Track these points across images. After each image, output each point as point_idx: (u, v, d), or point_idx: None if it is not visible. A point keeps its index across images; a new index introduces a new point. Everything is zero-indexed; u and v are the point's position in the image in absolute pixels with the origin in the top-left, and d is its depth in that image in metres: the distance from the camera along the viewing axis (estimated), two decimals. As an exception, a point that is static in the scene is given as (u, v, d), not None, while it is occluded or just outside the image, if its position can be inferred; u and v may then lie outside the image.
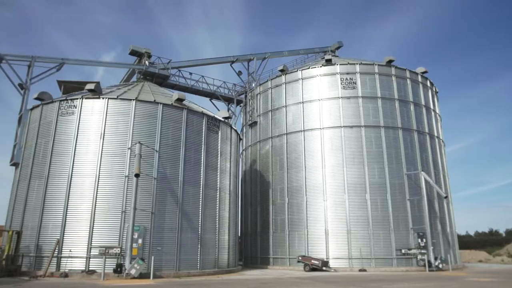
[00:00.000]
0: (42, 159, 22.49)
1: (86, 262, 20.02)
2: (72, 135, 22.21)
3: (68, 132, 22.39)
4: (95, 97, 22.91)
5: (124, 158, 21.77)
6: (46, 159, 22.28)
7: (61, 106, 23.08)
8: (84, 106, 22.75)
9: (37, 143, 23.13)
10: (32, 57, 25.83)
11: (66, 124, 22.61)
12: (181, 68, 34.85)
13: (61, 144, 22.30)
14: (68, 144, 22.09)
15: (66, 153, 21.95)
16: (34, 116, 24.38)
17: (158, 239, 21.26)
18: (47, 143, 22.68)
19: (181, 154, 23.27)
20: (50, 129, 22.86)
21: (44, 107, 23.90)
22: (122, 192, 21.19)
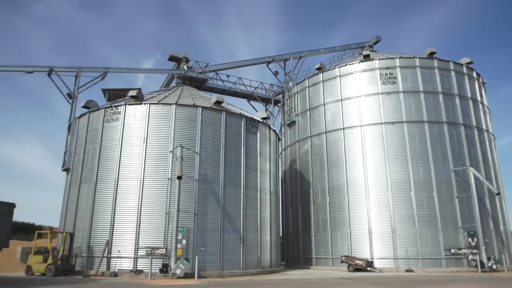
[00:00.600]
0: (91, 164, 23.63)
1: (133, 262, 20.80)
2: (117, 141, 23.17)
3: (113, 138, 23.38)
4: (137, 103, 23.77)
5: (166, 161, 22.41)
6: (94, 164, 23.37)
7: (106, 113, 24.14)
8: (127, 112, 23.66)
9: (86, 149, 24.34)
10: (79, 68, 27.21)
11: (111, 130, 23.62)
12: (218, 71, 35.40)
13: (107, 150, 23.33)
14: (114, 149, 23.07)
15: (112, 158, 22.94)
16: (82, 124, 25.68)
17: (201, 239, 21.69)
18: (94, 149, 23.79)
19: (221, 155, 23.61)
20: (97, 135, 23.97)
21: (90, 114, 25.11)
22: (165, 194, 21.82)
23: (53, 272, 20.14)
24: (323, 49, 40.60)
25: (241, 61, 36.88)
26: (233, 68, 36.36)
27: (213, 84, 34.94)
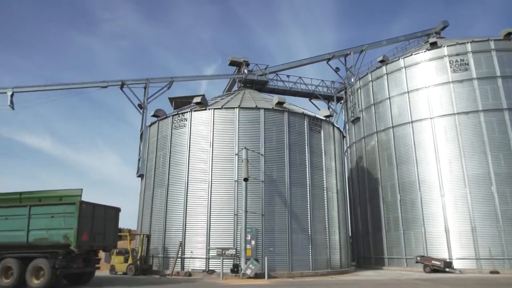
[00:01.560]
0: (162, 170, 24.92)
1: (206, 262, 21.55)
2: (185, 146, 24.19)
3: (181, 143, 24.45)
4: (202, 109, 24.63)
5: (232, 164, 22.93)
6: (165, 169, 24.62)
7: (174, 121, 25.32)
8: (193, 118, 24.61)
9: (157, 155, 25.73)
10: (147, 79, 28.87)
11: (179, 136, 24.72)
12: (278, 72, 35.52)
13: (176, 155, 24.45)
14: (183, 154, 24.11)
15: (182, 163, 23.99)
16: (152, 132, 27.19)
17: (270, 240, 21.87)
18: (165, 154, 25.06)
19: (285, 156, 23.64)
20: (167, 142, 25.23)
21: (160, 122, 26.50)
22: (233, 196, 22.33)
23: (133, 271, 21.58)
24: (385, 41, 38.95)
25: (300, 60, 36.63)
26: (292, 68, 36.26)
27: (274, 85, 35.13)
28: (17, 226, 14.66)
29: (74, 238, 13.94)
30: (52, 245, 14.25)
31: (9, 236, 14.70)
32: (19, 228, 14.59)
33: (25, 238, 14.43)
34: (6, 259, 14.57)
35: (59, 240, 14.12)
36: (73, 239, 13.94)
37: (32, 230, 14.45)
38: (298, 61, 36.53)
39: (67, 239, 14.01)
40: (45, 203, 14.82)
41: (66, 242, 14.02)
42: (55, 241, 14.19)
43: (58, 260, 13.98)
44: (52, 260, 13.97)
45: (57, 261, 13.96)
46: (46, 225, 14.35)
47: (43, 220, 14.42)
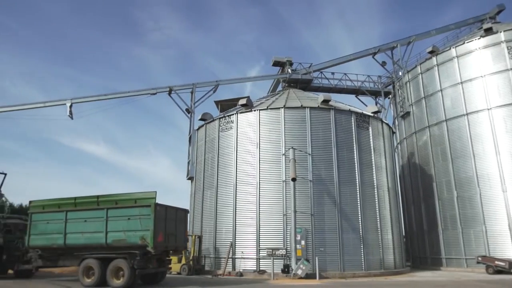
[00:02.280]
0: (211, 172, 25.45)
1: (256, 262, 21.71)
2: (232, 148, 24.54)
3: (229, 145, 24.83)
4: (247, 110, 24.87)
5: (279, 164, 22.94)
6: (214, 171, 25.12)
7: (220, 123, 25.78)
8: (239, 120, 24.91)
9: (205, 158, 26.32)
10: (193, 84, 29.62)
11: (226, 138, 25.13)
12: (323, 69, 35.03)
13: (224, 157, 24.87)
14: (230, 156, 24.48)
15: (229, 165, 24.36)
16: (200, 135, 27.86)
17: (320, 240, 21.62)
18: (213, 157, 25.58)
19: (333, 154, 23.27)
20: (214, 144, 25.74)
21: (207, 126, 27.10)
22: (281, 196, 22.33)
23: (186, 271, 22.21)
24: (434, 30, 37.11)
25: (345, 56, 35.89)
26: (337, 64, 35.60)
27: (319, 84, 34.69)
28: (96, 228, 15.25)
29: (151, 239, 14.26)
30: (129, 246, 14.71)
31: (89, 238, 15.35)
32: (98, 230, 15.19)
33: (104, 239, 14.99)
34: (87, 259, 15.21)
35: (136, 241, 14.53)
36: (150, 240, 14.27)
37: (110, 232, 15.00)
38: (342, 57, 35.82)
39: (144, 240, 14.37)
40: (121, 206, 15.30)
41: (143, 243, 14.38)
42: (132, 242, 14.63)
43: (136, 261, 14.37)
44: (130, 260, 14.41)
45: (135, 262, 14.35)
46: (123, 227, 14.86)
47: (120, 222, 14.96)
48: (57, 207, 16.43)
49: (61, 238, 15.75)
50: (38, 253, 16.63)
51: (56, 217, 16.16)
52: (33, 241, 16.57)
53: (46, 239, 16.17)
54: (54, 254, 16.51)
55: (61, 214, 16.04)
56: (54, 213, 16.31)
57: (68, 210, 16.02)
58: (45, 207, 16.79)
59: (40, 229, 16.41)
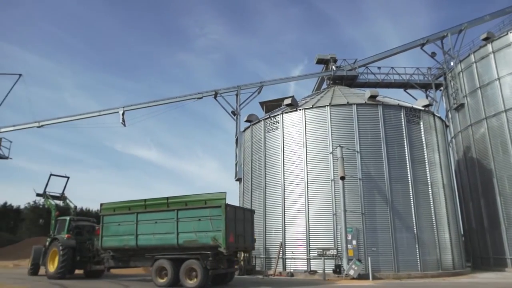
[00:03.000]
0: (258, 172, 25.67)
1: (307, 263, 21.58)
2: (279, 148, 24.58)
3: (275, 146, 24.91)
4: (293, 110, 24.80)
5: (327, 163, 22.65)
6: (261, 172, 25.31)
7: (266, 124, 25.93)
8: (285, 120, 24.91)
9: (252, 159, 26.58)
10: (238, 87, 30.04)
11: (272, 139, 25.22)
12: (368, 64, 34.15)
13: (271, 157, 24.97)
14: (277, 157, 24.54)
15: (277, 165, 24.42)
16: (246, 136, 28.18)
17: (372, 239, 21.08)
18: (260, 158, 25.78)
19: (383, 151, 22.60)
20: (261, 145, 25.93)
21: (253, 127, 27.36)
22: (330, 195, 22.04)
23: (238, 271, 22.50)
24: (488, 15, 34.82)
25: (391, 49, 34.69)
26: (383, 58, 34.52)
27: (365, 79, 33.87)
28: (167, 229, 15.38)
29: (223, 240, 14.19)
30: (201, 246, 14.73)
31: (160, 239, 15.50)
32: (169, 231, 15.32)
33: (176, 240, 15.08)
34: (159, 260, 15.46)
35: (208, 242, 14.49)
36: (222, 241, 14.19)
37: (181, 233, 15.08)
38: (388, 50, 34.66)
39: (216, 241, 14.30)
40: (192, 207, 15.32)
41: (215, 243, 14.32)
42: (203, 243, 14.62)
43: (209, 262, 14.43)
44: (203, 261, 14.48)
45: (208, 262, 14.42)
46: (194, 227, 14.89)
47: (190, 223, 15.00)
48: (128, 209, 16.85)
49: (133, 240, 16.06)
50: (111, 254, 17.17)
51: (127, 219, 16.51)
52: (105, 242, 17.02)
53: (118, 240, 16.56)
54: (125, 255, 16.92)
55: (132, 216, 16.37)
56: (125, 215, 16.70)
57: (139, 212, 16.29)
58: (116, 209, 17.25)
59: (112, 231, 16.83)
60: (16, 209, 65.29)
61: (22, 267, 28.18)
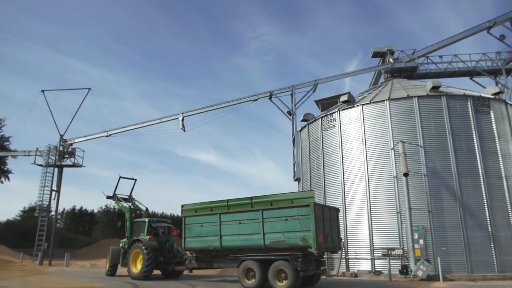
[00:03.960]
0: (317, 172, 25.37)
1: (371, 263, 20.94)
2: (337, 146, 24.12)
3: (333, 144, 24.47)
4: (350, 106, 24.22)
5: (389, 159, 21.83)
6: (320, 171, 24.98)
7: (323, 122, 25.57)
8: (342, 117, 24.40)
9: (310, 158, 26.33)
10: (293, 86, 29.91)
11: (330, 137, 24.81)
12: (428, 54, 32.34)
13: (329, 156, 24.57)
14: (336, 155, 24.09)
15: (335, 163, 23.98)
16: (303, 136, 27.98)
17: (441, 238, 19.94)
18: (318, 157, 25.47)
19: (449, 144, 21.29)
20: (318, 144, 25.61)
21: (309, 126, 27.10)
22: (393, 193, 21.21)
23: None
24: None
25: (453, 36, 32.56)
26: (444, 46, 32.50)
27: (425, 70, 32.12)
28: (252, 230, 15.00)
29: (313, 240, 13.62)
30: (288, 247, 14.23)
31: (245, 240, 15.12)
32: (254, 231, 14.93)
33: (262, 241, 14.66)
34: (246, 261, 15.04)
35: (297, 243, 13.96)
36: (312, 241, 13.64)
37: (267, 234, 14.64)
38: (450, 37, 32.57)
39: (305, 241, 13.78)
40: (278, 207, 14.79)
41: (305, 244, 13.79)
42: (292, 243, 14.10)
43: (299, 263, 13.91)
44: (293, 262, 13.96)
45: (298, 264, 13.91)
46: (281, 228, 14.36)
47: (277, 223, 14.50)
48: (210, 210, 16.61)
49: (217, 240, 15.80)
50: (194, 255, 17.11)
51: (209, 219, 16.28)
52: (188, 244, 16.88)
53: (201, 241, 16.37)
54: (208, 256, 16.72)
55: (214, 217, 16.13)
56: (207, 216, 16.47)
57: (222, 213, 16.01)
58: (197, 210, 17.08)
59: (195, 232, 16.66)
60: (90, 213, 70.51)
61: (97, 267, 30.27)
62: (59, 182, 32.76)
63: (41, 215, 31.41)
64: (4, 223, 58.34)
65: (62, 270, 25.68)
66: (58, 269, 25.90)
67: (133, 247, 19.62)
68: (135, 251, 19.40)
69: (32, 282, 16.98)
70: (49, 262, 29.64)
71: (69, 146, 33.63)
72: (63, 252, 32.44)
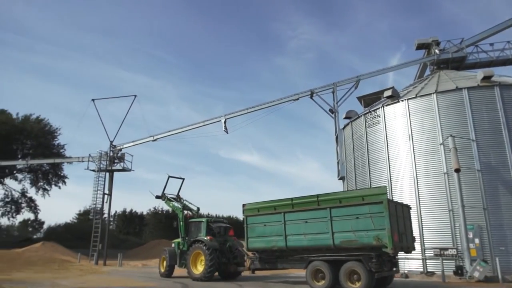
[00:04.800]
0: (362, 170, 24.79)
1: (422, 263, 20.15)
2: (382, 143, 23.43)
3: (378, 141, 23.81)
4: (394, 102, 23.46)
5: (438, 155, 20.91)
6: (365, 169, 24.39)
7: (366, 119, 24.95)
8: (386, 113, 23.69)
9: (355, 156, 25.78)
10: (334, 84, 29.40)
11: (374, 134, 24.16)
12: (478, 42, 30.58)
13: (374, 153, 23.93)
14: (381, 152, 23.41)
15: (381, 161, 23.31)
16: (347, 134, 27.46)
17: (498, 237, 18.80)
18: (362, 154, 24.89)
19: (504, 137, 19.99)
20: (362, 141, 25.01)
21: (353, 123, 26.55)
22: (444, 190, 20.29)
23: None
24: None
25: (505, 21, 30.51)
26: (496, 33, 30.54)
27: (475, 59, 30.41)
28: (320, 229, 14.34)
29: (389, 240, 12.81)
30: (360, 247, 13.44)
31: (313, 239, 14.51)
32: (322, 231, 14.26)
33: (331, 240, 13.97)
34: (314, 262, 14.40)
35: (370, 242, 13.16)
36: (388, 240, 12.83)
37: (337, 233, 13.91)
38: (502, 23, 30.54)
39: (379, 241, 12.96)
40: (347, 204, 14.09)
41: (379, 243, 12.98)
42: (364, 243, 13.31)
43: (373, 263, 13.02)
44: (367, 263, 13.12)
45: (372, 264, 13.03)
46: (352, 226, 13.59)
47: (347, 222, 13.74)
48: (273, 209, 16.10)
49: (282, 240, 15.25)
50: (257, 256, 16.50)
51: (273, 219, 15.77)
52: (251, 244, 16.41)
53: (265, 241, 15.86)
54: (272, 256, 16.12)
55: (278, 216, 15.60)
56: (270, 215, 15.98)
57: (286, 212, 15.48)
58: (260, 210, 16.58)
59: (258, 232, 16.17)
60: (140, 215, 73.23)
61: (148, 267, 31.39)
62: (111, 186, 34.27)
63: (95, 217, 33.04)
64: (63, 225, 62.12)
65: (116, 269, 26.85)
66: (113, 269, 27.10)
67: (193, 248, 18.94)
68: (195, 252, 18.72)
69: (90, 281, 17.92)
70: (103, 262, 31.09)
71: (119, 152, 35.11)
72: (116, 253, 33.94)
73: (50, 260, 28.93)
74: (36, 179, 52.25)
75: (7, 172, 50.18)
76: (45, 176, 52.65)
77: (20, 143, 50.41)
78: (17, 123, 48.54)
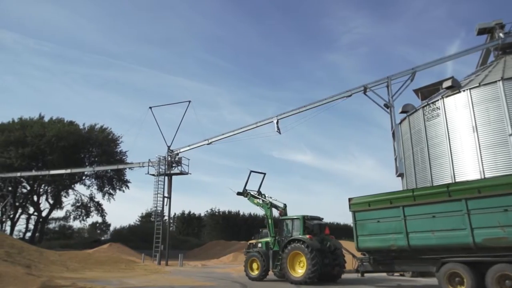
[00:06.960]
0: (422, 166, 23.64)
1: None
2: (443, 137, 22.19)
3: (438, 135, 22.58)
4: (455, 92, 22.13)
5: (507, 147, 19.38)
6: (425, 165, 23.23)
7: (425, 112, 23.77)
8: (446, 105, 22.41)
9: (413, 152, 24.65)
10: (388, 78, 28.31)
11: (434, 128, 22.95)
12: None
13: (435, 148, 22.72)
14: (442, 146, 22.18)
15: (443, 155, 22.07)
16: (404, 129, 26.33)
17: None
18: (422, 149, 23.74)
19: None
20: (421, 136, 23.86)
21: (410, 118, 25.41)
22: (516, 184, 18.78)
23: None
24: None
25: None
26: None
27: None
28: (453, 225, 12.26)
29: None
30: (509, 246, 11.23)
31: (444, 237, 12.45)
32: (456, 227, 12.17)
33: (470, 238, 11.80)
34: (449, 264, 12.25)
35: None
36: None
37: (477, 229, 11.75)
38: None
39: None
40: (490, 194, 11.72)
41: None
42: None
43: None
44: None
45: None
46: (499, 221, 11.34)
47: (492, 216, 11.53)
48: (389, 203, 14.08)
49: (402, 239, 13.31)
50: (369, 257, 14.76)
51: (389, 214, 13.94)
52: (362, 243, 14.57)
53: (380, 240, 14.04)
54: (387, 257, 14.34)
55: (395, 211, 13.73)
56: (385, 210, 14.12)
57: (406, 205, 13.53)
58: (370, 204, 14.63)
59: (370, 229, 14.39)
60: (198, 217, 75.50)
61: (208, 267, 32.28)
62: (170, 189, 35.62)
63: (156, 219, 34.50)
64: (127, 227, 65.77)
65: (177, 269, 27.88)
66: (174, 269, 28.17)
67: (290, 248, 17.06)
68: (293, 252, 16.94)
69: (154, 280, 18.75)
70: (165, 262, 32.40)
71: (176, 156, 36.40)
72: (176, 253, 35.23)
73: (117, 260, 30.64)
74: (102, 184, 55.90)
75: (77, 178, 54.15)
76: (110, 181, 56.18)
77: (87, 151, 54.29)
78: (83, 133, 52.23)
